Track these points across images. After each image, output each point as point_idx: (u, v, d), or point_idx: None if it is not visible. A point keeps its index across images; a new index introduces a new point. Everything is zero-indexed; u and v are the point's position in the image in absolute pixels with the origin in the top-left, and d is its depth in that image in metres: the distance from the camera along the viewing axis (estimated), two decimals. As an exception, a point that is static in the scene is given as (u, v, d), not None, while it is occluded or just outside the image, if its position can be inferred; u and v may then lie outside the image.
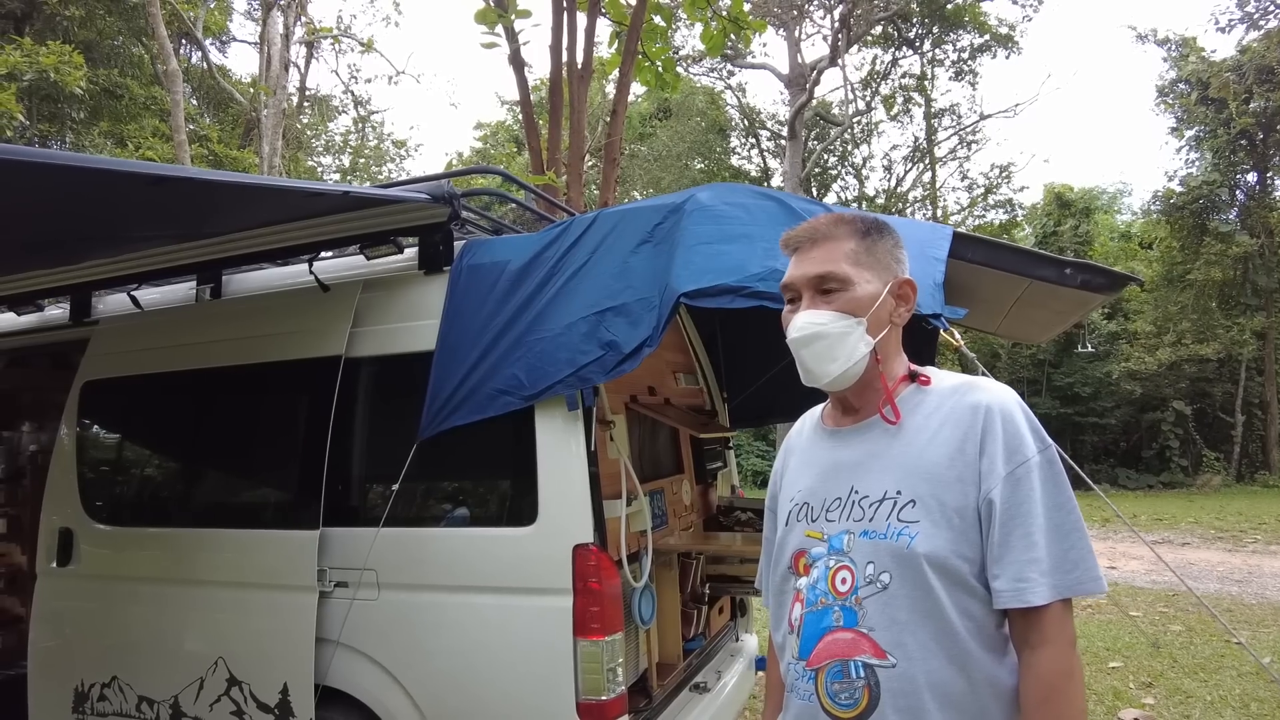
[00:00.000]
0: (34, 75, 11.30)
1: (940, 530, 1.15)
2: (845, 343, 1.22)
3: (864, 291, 1.24)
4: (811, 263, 1.26)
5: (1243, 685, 4.55)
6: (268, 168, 13.62)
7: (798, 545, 1.29)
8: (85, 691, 2.90)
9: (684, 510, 3.53)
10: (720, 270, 2.15)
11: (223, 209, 2.46)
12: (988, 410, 1.17)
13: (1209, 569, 8.00)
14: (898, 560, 1.15)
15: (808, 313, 1.24)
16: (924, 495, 1.17)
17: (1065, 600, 1.12)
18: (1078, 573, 1.12)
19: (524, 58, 5.87)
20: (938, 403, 1.23)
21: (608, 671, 2.21)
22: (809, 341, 1.23)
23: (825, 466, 1.30)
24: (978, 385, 1.24)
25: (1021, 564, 1.11)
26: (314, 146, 22.42)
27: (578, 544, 2.24)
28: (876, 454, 1.24)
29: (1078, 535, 1.13)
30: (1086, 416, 18.00)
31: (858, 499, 1.22)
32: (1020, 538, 1.12)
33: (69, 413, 3.18)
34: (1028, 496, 1.13)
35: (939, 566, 1.14)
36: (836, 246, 1.25)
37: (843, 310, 1.23)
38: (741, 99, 23.67)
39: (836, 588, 1.20)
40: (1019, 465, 1.14)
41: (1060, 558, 1.11)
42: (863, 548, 1.19)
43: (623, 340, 2.24)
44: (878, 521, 1.18)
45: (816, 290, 1.25)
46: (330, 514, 2.54)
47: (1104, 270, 2.37)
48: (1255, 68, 15.78)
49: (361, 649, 2.46)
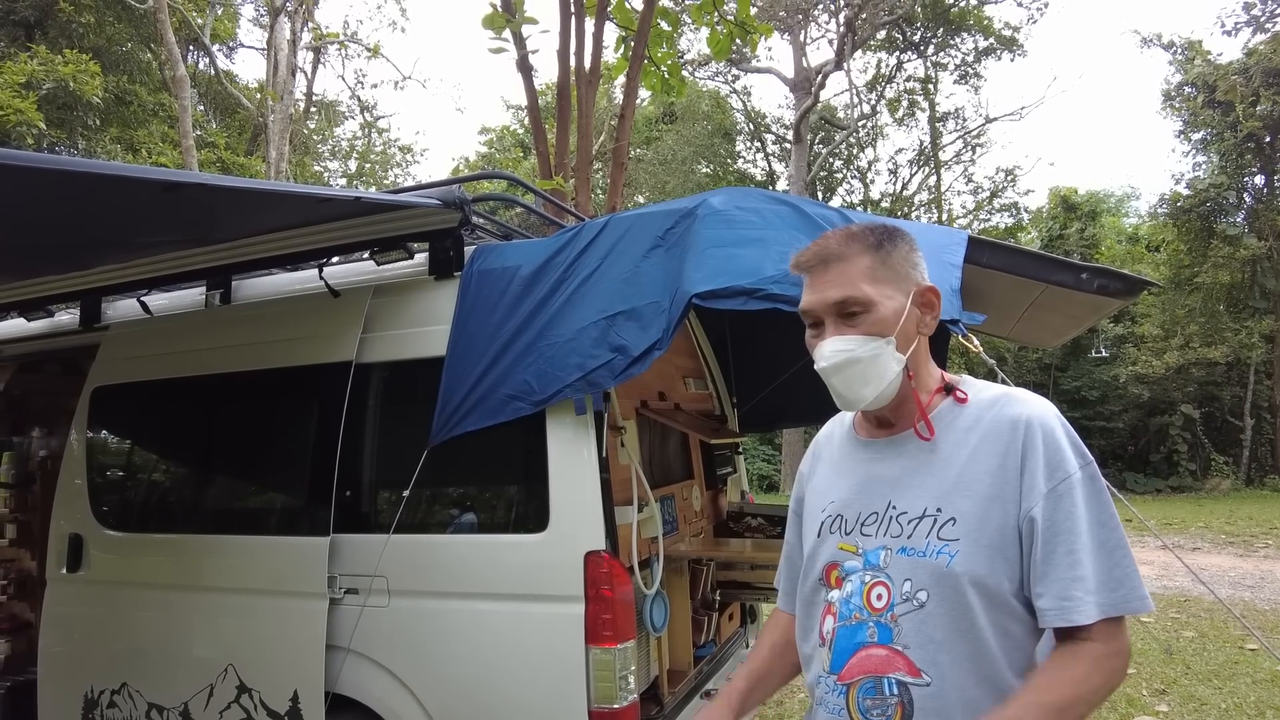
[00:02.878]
0: (53, 84, 11.39)
1: (980, 549, 1.13)
2: (877, 365, 1.19)
3: (888, 309, 1.20)
4: (829, 287, 1.21)
5: (1258, 692, 4.51)
6: (274, 173, 13.67)
7: (831, 557, 1.27)
8: (95, 698, 2.89)
9: (694, 516, 3.51)
10: (734, 273, 2.13)
11: (234, 214, 2.46)
12: (1028, 425, 1.15)
13: (1220, 574, 7.93)
14: (936, 579, 1.13)
15: (834, 340, 1.20)
16: (964, 513, 1.15)
17: (1114, 618, 1.09)
18: (1123, 590, 1.09)
19: (531, 63, 5.89)
20: (976, 416, 1.21)
21: (620, 679, 2.19)
22: (840, 369, 1.20)
23: (861, 479, 1.28)
24: (1016, 398, 1.21)
25: (1066, 582, 1.09)
26: (320, 152, 22.51)
27: (589, 551, 2.23)
28: (914, 469, 1.21)
29: (1122, 552, 1.11)
30: (1094, 420, 17.90)
31: (895, 514, 1.20)
32: (1064, 555, 1.10)
33: (79, 418, 3.18)
34: (1070, 513, 1.11)
35: (978, 586, 1.12)
36: (851, 266, 1.20)
37: (869, 332, 1.19)
38: (747, 103, 23.70)
39: (872, 603, 1.18)
40: (1060, 482, 1.12)
41: (1105, 575, 1.09)
42: (900, 564, 1.17)
43: (632, 344, 2.22)
44: (916, 539, 1.16)
45: (839, 315, 1.21)
46: (341, 520, 2.53)
47: (1121, 275, 2.35)
48: (1262, 70, 15.70)
49: (372, 656, 2.45)
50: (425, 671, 2.39)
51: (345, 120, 22.57)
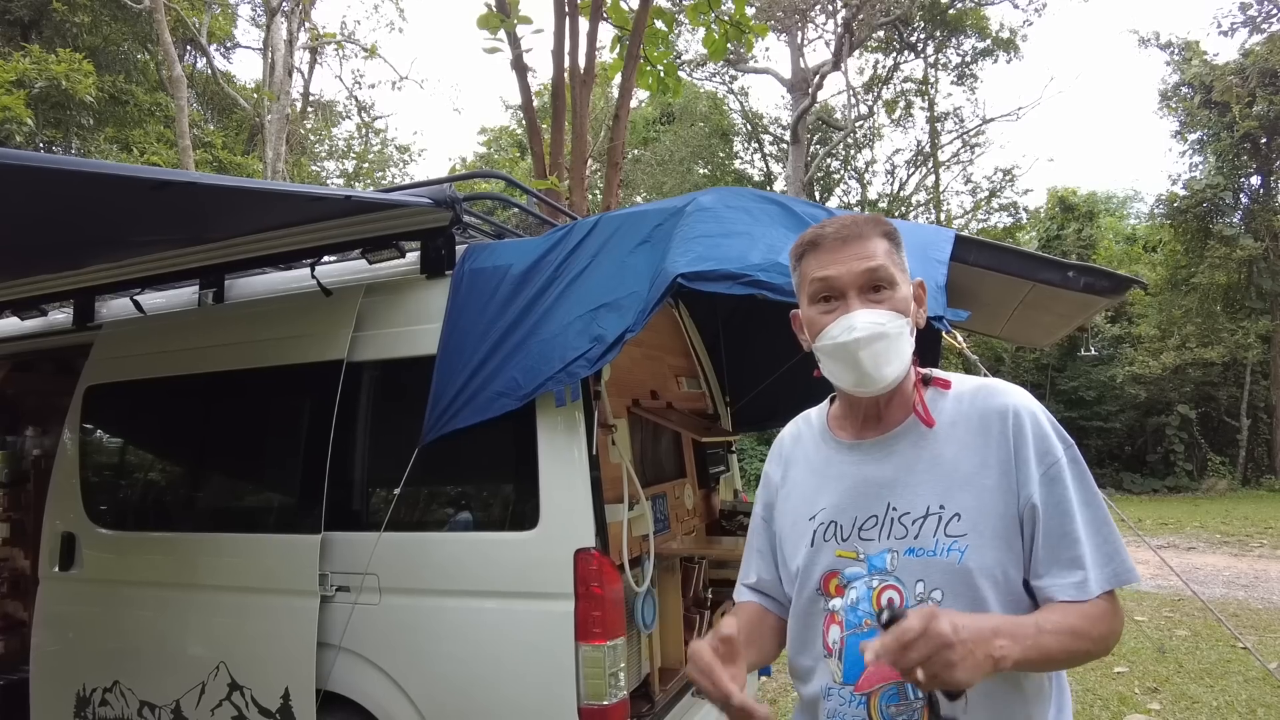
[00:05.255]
0: (45, 83, 11.38)
1: (987, 541, 1.13)
2: (900, 343, 1.18)
3: (904, 292, 1.21)
4: (855, 259, 1.18)
5: (1249, 690, 4.52)
6: (271, 173, 13.67)
7: (828, 566, 1.23)
8: (87, 696, 2.90)
9: (686, 515, 3.52)
10: (720, 258, 2.14)
11: (226, 213, 2.47)
12: (1015, 414, 1.16)
13: (1215, 573, 7.96)
14: (949, 576, 1.13)
15: (869, 311, 1.16)
16: (967, 507, 1.15)
17: (1109, 592, 1.12)
18: (1114, 564, 1.12)
19: (527, 63, 5.89)
20: (960, 409, 1.21)
21: (610, 676, 2.20)
22: (870, 341, 1.15)
23: (852, 483, 1.24)
24: (995, 389, 1.21)
25: (1066, 561, 1.12)
26: (318, 152, 22.49)
27: (579, 548, 2.24)
28: (909, 467, 1.20)
29: (1109, 528, 1.14)
30: (1091, 420, 17.93)
31: (897, 516, 1.19)
32: (1062, 536, 1.12)
33: (72, 417, 3.18)
34: (1063, 495, 1.13)
35: (990, 578, 1.13)
36: (874, 244, 1.19)
37: (895, 310, 1.18)
38: (744, 103, 23.72)
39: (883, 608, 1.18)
40: (1050, 466, 1.14)
41: (1098, 552, 1.12)
42: (910, 566, 1.16)
43: (609, 332, 2.23)
44: (924, 538, 1.15)
45: (865, 287, 1.18)
46: (332, 518, 2.54)
47: (1107, 273, 2.36)
48: (1259, 71, 15.73)
49: (363, 654, 2.46)
50: (416, 668, 2.40)
51: (342, 120, 22.58)
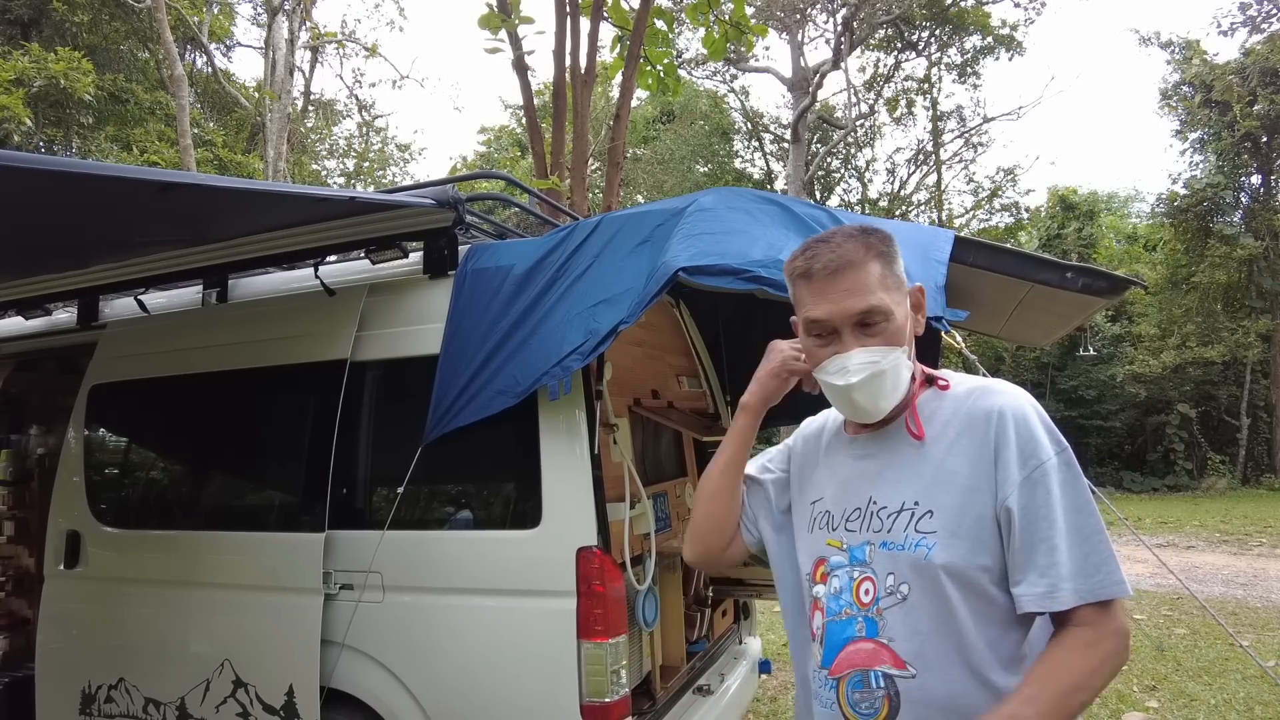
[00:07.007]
0: (44, 82, 11.37)
1: (958, 540, 1.14)
2: (897, 374, 1.19)
3: (900, 317, 1.19)
4: (848, 296, 1.17)
5: (1247, 689, 4.54)
6: (272, 172, 13.68)
7: (818, 553, 1.29)
8: (92, 693, 2.92)
9: (687, 513, 3.53)
10: (721, 254, 2.14)
11: (229, 214, 2.48)
12: (1000, 415, 1.15)
13: (1214, 572, 7.97)
14: (916, 571, 1.15)
15: (863, 351, 1.17)
16: (942, 505, 1.16)
17: (1103, 602, 1.09)
18: (1100, 576, 1.09)
19: (527, 62, 5.90)
20: (954, 409, 1.22)
21: (611, 674, 2.22)
22: (865, 384, 1.17)
23: (846, 475, 1.30)
24: (991, 389, 1.21)
25: (1043, 568, 1.09)
26: (318, 151, 22.50)
27: (581, 547, 2.25)
28: (894, 464, 1.23)
29: (1099, 538, 1.10)
30: (1091, 419, 17.94)
31: (876, 509, 1.22)
32: (1040, 542, 1.10)
33: (76, 416, 3.20)
34: (1045, 500, 1.11)
35: (956, 577, 1.13)
36: (866, 274, 1.17)
37: (888, 343, 1.18)
38: (744, 102, 23.71)
39: (860, 598, 1.20)
40: (1035, 469, 1.12)
41: (1082, 561, 1.09)
42: (882, 559, 1.19)
43: (603, 325, 2.23)
44: (896, 532, 1.18)
45: (858, 325, 1.18)
46: (336, 517, 2.56)
47: (1104, 274, 2.38)
48: (1259, 70, 15.73)
49: (366, 651, 2.48)
50: (419, 666, 2.42)
51: (343, 119, 22.60)
